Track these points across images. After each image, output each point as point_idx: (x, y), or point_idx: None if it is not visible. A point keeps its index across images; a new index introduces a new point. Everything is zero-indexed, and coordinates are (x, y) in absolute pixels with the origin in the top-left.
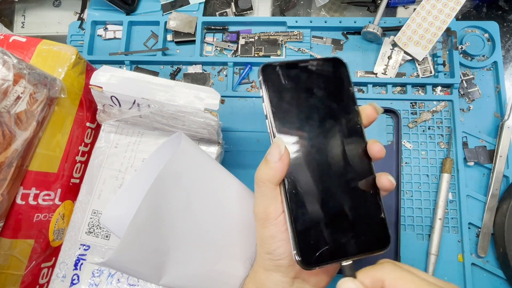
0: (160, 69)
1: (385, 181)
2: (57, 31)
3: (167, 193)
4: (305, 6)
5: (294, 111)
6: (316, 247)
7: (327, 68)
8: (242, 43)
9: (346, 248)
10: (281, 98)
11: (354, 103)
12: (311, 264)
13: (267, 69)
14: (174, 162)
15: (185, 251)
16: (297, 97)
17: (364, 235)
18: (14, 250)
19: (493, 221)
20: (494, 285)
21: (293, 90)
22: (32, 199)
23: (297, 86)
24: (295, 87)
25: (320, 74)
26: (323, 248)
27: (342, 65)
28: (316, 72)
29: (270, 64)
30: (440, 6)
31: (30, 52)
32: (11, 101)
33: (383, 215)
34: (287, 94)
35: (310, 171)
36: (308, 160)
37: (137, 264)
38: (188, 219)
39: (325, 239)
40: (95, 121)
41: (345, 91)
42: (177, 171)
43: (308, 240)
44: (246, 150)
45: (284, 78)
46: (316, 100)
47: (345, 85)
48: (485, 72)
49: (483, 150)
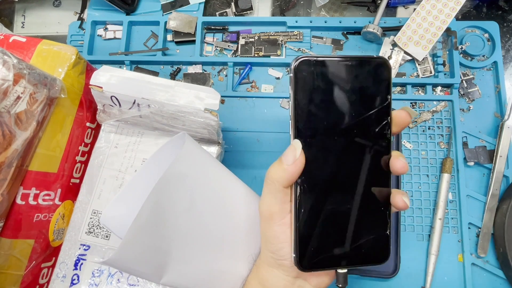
0: (160, 69)
1: (400, 202)
2: (57, 31)
3: (171, 194)
4: (305, 6)
5: (320, 115)
6: (315, 252)
7: (368, 69)
8: (242, 43)
9: (344, 257)
10: (309, 100)
11: (388, 113)
12: (307, 267)
13: (302, 66)
14: (179, 162)
15: (187, 250)
16: (326, 100)
17: (365, 248)
18: (14, 250)
19: (493, 221)
20: (494, 285)
21: (324, 92)
22: (32, 199)
23: (329, 87)
24: (327, 88)
25: (359, 75)
26: (322, 254)
27: (385, 67)
28: (354, 73)
29: (307, 60)
30: (440, 6)
31: (30, 52)
32: (11, 101)
33: (388, 232)
34: (317, 96)
35: (325, 179)
36: (325, 167)
37: (138, 263)
38: (191, 219)
39: (325, 246)
40: (95, 121)
41: (381, 99)
42: (181, 172)
43: (309, 245)
44: (246, 150)
45: (318, 77)
46: (346, 106)
47: (383, 92)
48: (485, 72)
49: (483, 150)
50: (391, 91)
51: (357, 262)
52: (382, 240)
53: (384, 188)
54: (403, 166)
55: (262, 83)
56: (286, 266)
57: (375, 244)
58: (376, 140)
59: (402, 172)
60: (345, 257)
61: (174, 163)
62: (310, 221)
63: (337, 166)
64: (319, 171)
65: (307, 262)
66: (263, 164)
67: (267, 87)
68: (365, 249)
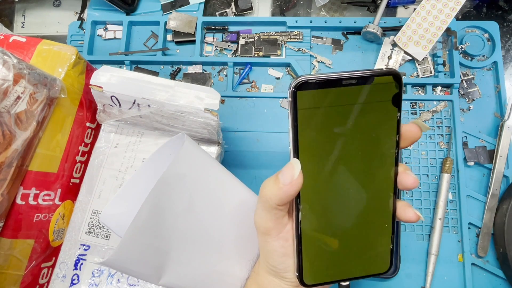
0: (160, 69)
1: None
2: (57, 31)
3: (170, 194)
4: (305, 6)
5: (322, 135)
6: (318, 269)
7: (376, 85)
8: (242, 43)
9: (347, 271)
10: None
11: (396, 131)
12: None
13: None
14: (178, 163)
15: (186, 251)
16: (329, 121)
17: (368, 261)
18: (14, 250)
19: (493, 221)
20: (494, 285)
21: (326, 114)
22: (32, 199)
23: (332, 108)
24: (329, 110)
25: (365, 92)
26: (325, 270)
27: (396, 83)
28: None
29: (306, 82)
30: (440, 6)
31: (30, 52)
32: (11, 101)
33: (392, 246)
34: (319, 119)
35: (327, 196)
36: (326, 185)
37: (137, 264)
38: (190, 220)
39: (329, 264)
40: (95, 121)
41: (390, 118)
42: (180, 173)
43: (312, 262)
44: (246, 150)
45: (319, 99)
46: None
47: (391, 111)
48: (485, 72)
49: (483, 150)
50: (400, 107)
51: (360, 274)
52: (386, 253)
53: (389, 206)
54: (414, 181)
55: (262, 83)
56: (287, 278)
57: (379, 257)
58: (382, 157)
59: (413, 188)
60: (348, 271)
61: (172, 164)
62: (312, 241)
63: (340, 184)
64: (320, 189)
65: (311, 279)
66: (263, 164)
67: (267, 87)
68: (368, 263)
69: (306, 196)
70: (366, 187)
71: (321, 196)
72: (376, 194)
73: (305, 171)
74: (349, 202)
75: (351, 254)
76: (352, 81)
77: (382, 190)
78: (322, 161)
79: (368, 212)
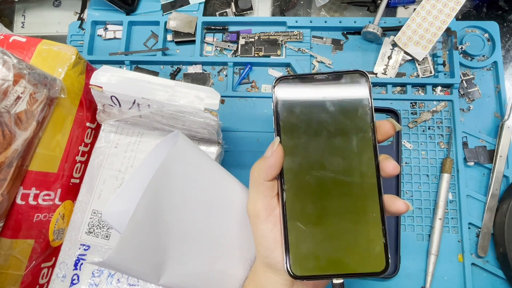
0: (160, 69)
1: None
2: (57, 31)
3: (163, 192)
4: (305, 6)
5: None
6: (307, 260)
7: (346, 82)
8: (242, 43)
9: (339, 266)
10: (291, 112)
11: (370, 119)
12: (300, 276)
13: (280, 83)
14: (169, 160)
15: (183, 250)
16: (307, 111)
17: (361, 257)
18: (14, 250)
19: (493, 221)
20: (494, 285)
21: (304, 104)
22: (32, 199)
23: (309, 100)
24: (306, 101)
25: (336, 88)
26: (315, 262)
27: (362, 79)
28: (332, 86)
29: (284, 77)
30: (440, 6)
31: (30, 52)
32: (11, 101)
33: (385, 240)
34: (297, 109)
35: (312, 183)
36: (310, 171)
37: (135, 263)
38: (184, 218)
39: (318, 254)
40: (95, 121)
41: (361, 107)
42: (172, 170)
43: (299, 249)
44: (246, 150)
45: (297, 92)
46: (327, 115)
47: (362, 101)
48: (485, 72)
49: (483, 150)
50: (370, 99)
51: (353, 272)
52: (379, 248)
53: (376, 194)
54: (395, 167)
55: (262, 83)
56: (281, 271)
57: (372, 252)
58: (361, 146)
59: (394, 174)
60: (340, 266)
61: (164, 161)
62: (299, 228)
63: (322, 169)
64: (304, 176)
65: (299, 270)
66: None
67: (267, 87)
68: (361, 258)
69: (289, 177)
70: (347, 174)
71: (303, 179)
72: (359, 183)
73: (287, 151)
74: (333, 188)
75: (340, 246)
76: (322, 77)
77: (365, 177)
78: (302, 145)
79: (353, 200)
